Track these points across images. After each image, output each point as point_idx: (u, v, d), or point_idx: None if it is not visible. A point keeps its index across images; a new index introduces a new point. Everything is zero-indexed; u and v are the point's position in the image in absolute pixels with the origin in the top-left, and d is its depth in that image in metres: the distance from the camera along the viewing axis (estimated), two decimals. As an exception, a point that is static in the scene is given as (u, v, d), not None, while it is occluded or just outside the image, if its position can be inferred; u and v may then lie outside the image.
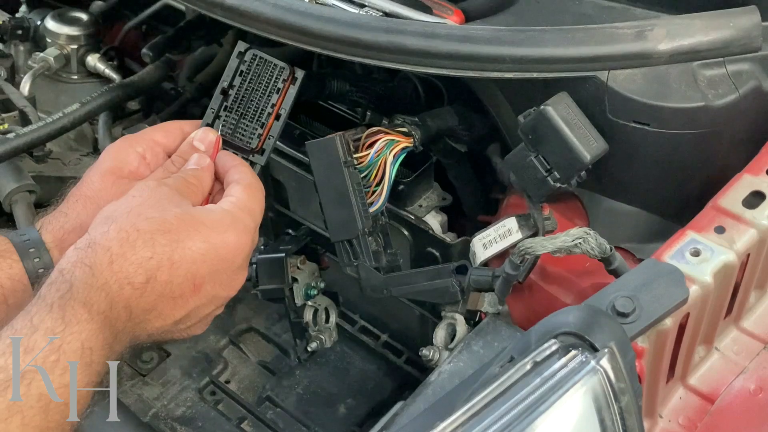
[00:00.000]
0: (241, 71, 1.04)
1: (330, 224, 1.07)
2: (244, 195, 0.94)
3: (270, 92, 1.05)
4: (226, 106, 1.04)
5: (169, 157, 1.00)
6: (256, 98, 1.04)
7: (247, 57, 1.04)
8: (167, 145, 1.01)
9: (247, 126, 1.04)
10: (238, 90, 1.04)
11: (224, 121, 1.04)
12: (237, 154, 1.03)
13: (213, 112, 1.04)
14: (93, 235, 0.83)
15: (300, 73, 1.05)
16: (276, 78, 1.04)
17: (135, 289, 0.81)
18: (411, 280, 1.09)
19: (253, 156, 1.04)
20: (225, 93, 1.04)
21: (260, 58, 1.04)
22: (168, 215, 0.86)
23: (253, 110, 1.04)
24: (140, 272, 0.81)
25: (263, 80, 1.05)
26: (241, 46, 1.04)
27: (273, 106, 1.05)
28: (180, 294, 0.85)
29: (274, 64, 1.05)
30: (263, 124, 1.05)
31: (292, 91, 1.05)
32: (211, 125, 1.04)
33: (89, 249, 0.81)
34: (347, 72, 1.29)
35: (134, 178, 0.96)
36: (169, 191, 0.90)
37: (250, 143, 1.04)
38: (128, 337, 0.83)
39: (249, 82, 1.04)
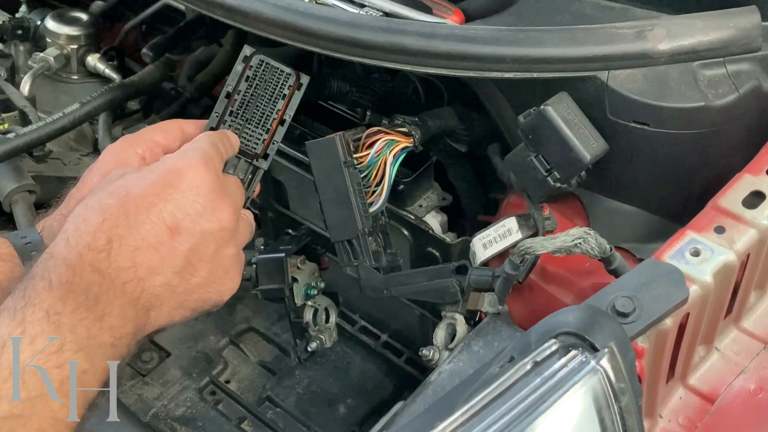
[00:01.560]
0: (247, 76, 1.03)
1: (330, 224, 1.07)
2: (195, 141, 0.93)
3: (276, 98, 1.04)
4: (231, 111, 1.03)
5: None
6: (261, 104, 1.04)
7: (254, 62, 1.03)
8: (167, 145, 1.01)
9: (252, 131, 1.04)
10: (243, 95, 1.03)
11: (229, 125, 1.03)
12: (239, 158, 1.03)
13: (218, 116, 1.03)
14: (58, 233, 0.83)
15: (305, 79, 1.05)
16: (282, 84, 1.04)
17: (99, 252, 0.79)
18: (411, 280, 1.09)
19: (257, 161, 1.05)
20: (230, 97, 1.04)
21: (266, 63, 1.03)
22: (117, 183, 0.85)
23: (259, 116, 1.04)
24: (99, 236, 0.79)
25: (269, 86, 1.04)
26: (246, 50, 1.03)
27: (278, 111, 1.05)
28: (158, 241, 0.82)
29: (281, 70, 1.04)
30: (268, 129, 1.04)
31: (297, 96, 1.05)
32: (215, 129, 1.04)
33: (52, 243, 0.81)
34: (347, 72, 1.29)
35: None
36: (127, 168, 0.89)
37: (255, 149, 1.04)
38: (122, 299, 0.79)
39: (255, 88, 1.04)
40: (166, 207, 0.83)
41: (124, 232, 0.80)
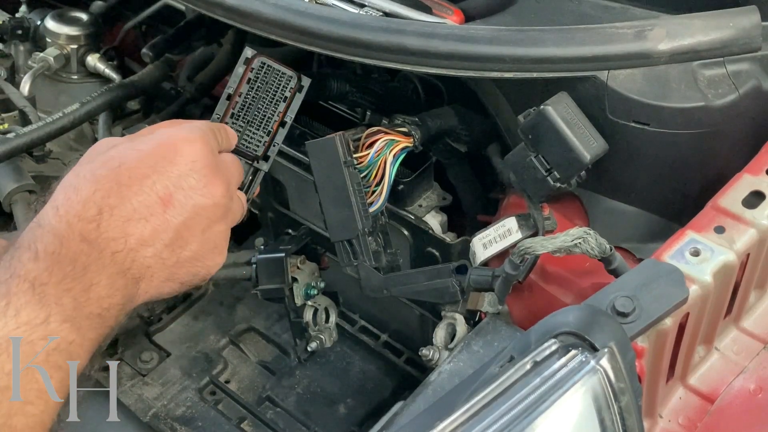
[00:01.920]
0: (249, 79, 1.03)
1: (330, 224, 1.07)
2: (189, 122, 0.93)
3: (277, 101, 1.05)
4: (232, 113, 1.03)
5: None
6: (263, 106, 1.04)
7: (255, 65, 1.03)
8: None
9: (253, 134, 1.04)
10: (245, 98, 1.03)
11: (230, 128, 1.03)
12: (241, 160, 1.03)
13: (218, 118, 1.03)
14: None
15: (306, 81, 1.05)
16: (284, 87, 1.04)
17: (89, 222, 0.78)
18: (411, 280, 1.09)
19: (258, 162, 1.05)
20: (231, 99, 1.03)
21: (268, 66, 1.04)
22: (110, 153, 0.84)
23: (260, 118, 1.04)
24: (89, 206, 0.79)
25: (271, 88, 1.04)
26: (248, 52, 1.03)
27: (279, 113, 1.05)
28: (150, 212, 0.81)
29: (282, 72, 1.04)
30: (269, 132, 1.05)
31: (298, 98, 1.05)
32: None
33: (39, 213, 0.80)
34: (347, 72, 1.29)
35: None
36: (115, 140, 0.88)
37: (256, 151, 1.05)
38: (111, 269, 0.78)
39: (256, 90, 1.04)
40: (160, 179, 0.83)
41: (116, 203, 0.80)
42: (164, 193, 0.82)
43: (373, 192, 1.07)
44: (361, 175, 1.06)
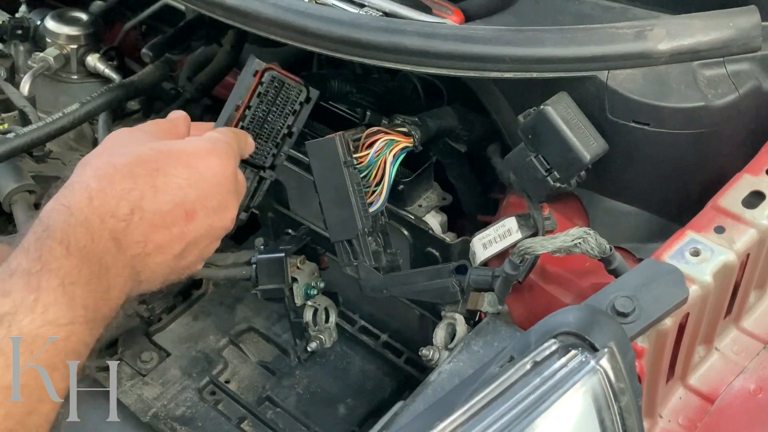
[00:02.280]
0: (259, 93, 1.03)
1: (330, 224, 1.07)
2: (219, 132, 0.94)
3: (287, 114, 1.06)
4: (242, 126, 1.04)
5: None
6: (272, 119, 1.05)
7: (265, 78, 1.03)
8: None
9: (262, 145, 1.05)
10: (255, 111, 1.04)
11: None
12: (245, 169, 1.03)
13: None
14: (69, 180, 0.82)
15: (314, 93, 1.06)
16: (293, 99, 1.05)
17: (120, 221, 0.79)
18: (411, 280, 1.09)
19: (264, 171, 1.05)
20: (239, 110, 1.03)
21: (279, 80, 1.04)
22: (143, 149, 0.85)
23: (269, 130, 1.05)
24: (123, 204, 0.80)
25: (280, 101, 1.05)
26: (256, 64, 1.03)
27: (288, 126, 1.06)
28: (173, 223, 0.83)
29: (292, 86, 1.05)
30: (277, 143, 1.06)
31: (306, 109, 1.06)
32: None
33: (66, 190, 0.80)
34: (348, 72, 1.29)
35: None
36: (142, 133, 0.90)
37: (264, 161, 1.06)
38: (127, 270, 0.80)
39: (266, 104, 1.04)
40: (190, 193, 0.85)
41: (148, 207, 0.81)
42: (190, 208, 0.85)
43: (373, 192, 1.07)
44: (361, 175, 1.06)
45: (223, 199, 0.88)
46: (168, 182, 0.83)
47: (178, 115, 0.98)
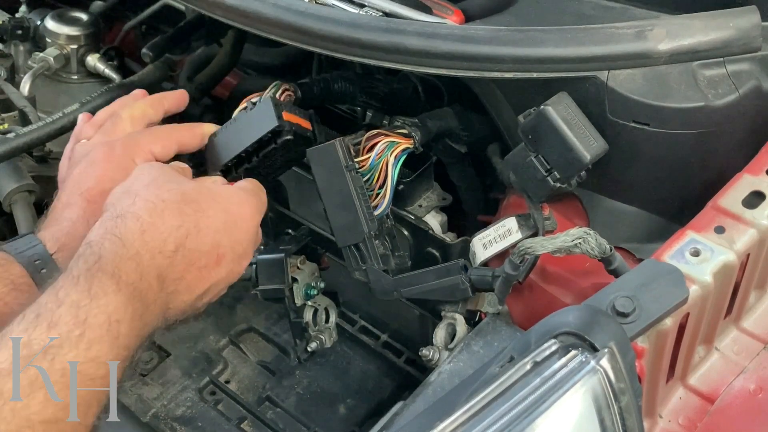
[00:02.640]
0: (274, 149, 1.05)
1: (336, 230, 1.07)
2: (250, 183, 0.97)
3: (293, 159, 1.09)
4: (246, 168, 1.06)
5: None
6: (278, 163, 1.08)
7: (280, 142, 1.04)
8: (163, 157, 1.02)
9: (263, 181, 1.05)
10: (263, 160, 1.06)
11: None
12: None
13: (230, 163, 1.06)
14: (119, 208, 0.83)
15: (321, 136, 1.08)
16: (302, 149, 1.06)
17: (166, 258, 0.81)
18: (420, 280, 1.08)
19: None
20: (248, 157, 1.05)
21: (299, 135, 1.05)
22: (186, 187, 0.87)
23: (273, 170, 1.09)
24: (170, 241, 0.82)
25: (291, 151, 1.06)
26: (274, 121, 1.03)
27: (292, 167, 1.11)
28: (205, 264, 0.85)
29: (307, 138, 1.06)
30: (275, 178, 1.10)
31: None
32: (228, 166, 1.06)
33: (118, 219, 0.81)
34: (351, 73, 1.28)
35: None
36: (172, 170, 0.92)
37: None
38: (160, 309, 0.82)
39: (276, 155, 1.06)
40: (224, 238, 0.87)
41: (191, 246, 0.83)
42: (222, 252, 0.87)
43: (377, 195, 1.07)
44: (364, 179, 1.06)
45: (247, 247, 0.91)
46: (209, 225, 0.86)
47: (169, 139, 1.01)
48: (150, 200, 0.83)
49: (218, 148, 1.06)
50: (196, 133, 1.05)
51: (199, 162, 1.07)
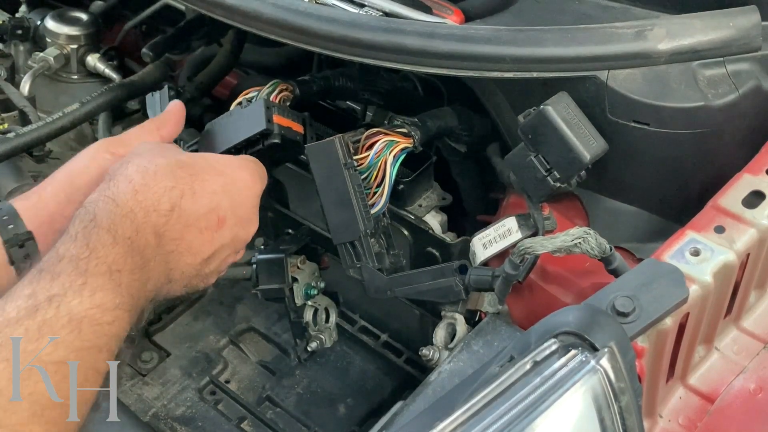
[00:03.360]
0: (260, 149, 1.06)
1: (332, 227, 1.07)
2: (247, 157, 1.00)
3: (283, 159, 1.13)
4: None
5: None
6: (267, 161, 1.06)
7: (267, 144, 1.05)
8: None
9: None
10: (253, 155, 1.05)
11: None
12: None
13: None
14: (111, 173, 0.85)
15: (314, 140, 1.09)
16: (292, 151, 1.09)
17: (161, 216, 0.83)
18: (414, 281, 1.09)
19: None
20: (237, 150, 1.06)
21: (281, 144, 1.06)
22: (182, 156, 0.90)
23: (266, 165, 1.07)
24: (164, 200, 0.83)
25: (279, 153, 1.08)
26: (262, 127, 1.04)
27: (283, 161, 1.12)
28: (206, 226, 0.87)
29: (296, 143, 1.08)
30: (269, 171, 1.08)
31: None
32: None
33: (111, 182, 0.83)
34: (353, 70, 1.28)
35: None
36: (171, 144, 0.95)
37: None
38: (161, 267, 0.83)
39: (265, 155, 1.06)
40: (224, 200, 0.89)
41: (187, 206, 0.85)
42: (222, 215, 0.89)
43: (374, 193, 1.07)
44: (362, 177, 1.06)
45: (249, 211, 0.93)
46: (205, 187, 0.87)
47: (151, 134, 1.00)
48: (142, 164, 0.85)
49: (213, 136, 1.07)
50: (175, 124, 1.05)
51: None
